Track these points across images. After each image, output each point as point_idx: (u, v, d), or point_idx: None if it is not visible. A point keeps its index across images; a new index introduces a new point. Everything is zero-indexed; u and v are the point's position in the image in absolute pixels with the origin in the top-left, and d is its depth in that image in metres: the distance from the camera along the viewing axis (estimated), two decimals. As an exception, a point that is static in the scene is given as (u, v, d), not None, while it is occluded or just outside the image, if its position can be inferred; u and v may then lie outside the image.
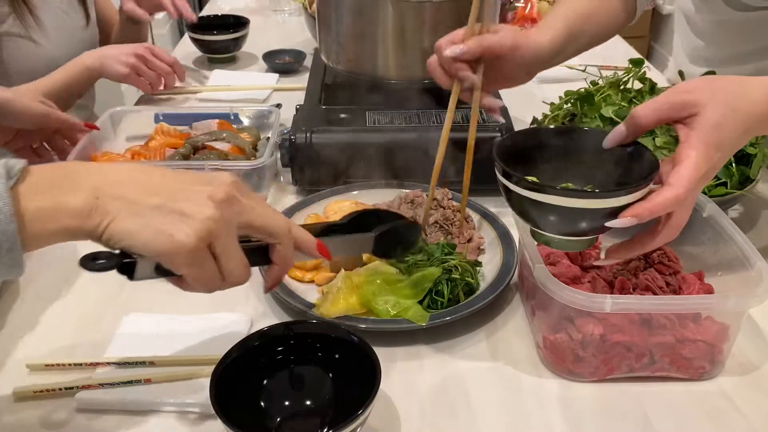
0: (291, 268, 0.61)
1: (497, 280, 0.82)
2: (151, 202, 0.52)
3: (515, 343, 0.78)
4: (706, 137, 0.63)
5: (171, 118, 1.20)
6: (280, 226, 0.59)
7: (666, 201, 0.62)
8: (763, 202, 1.01)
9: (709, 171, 0.64)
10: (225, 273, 0.57)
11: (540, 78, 1.54)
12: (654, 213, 0.63)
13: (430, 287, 0.79)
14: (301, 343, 0.67)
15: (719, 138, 0.63)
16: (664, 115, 0.66)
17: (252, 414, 0.64)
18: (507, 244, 0.88)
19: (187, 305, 0.82)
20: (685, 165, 0.63)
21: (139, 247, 0.52)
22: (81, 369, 0.72)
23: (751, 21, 1.09)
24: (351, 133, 1.03)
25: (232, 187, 0.56)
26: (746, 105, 0.64)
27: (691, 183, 0.62)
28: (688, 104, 0.64)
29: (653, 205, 0.62)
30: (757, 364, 0.75)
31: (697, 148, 0.63)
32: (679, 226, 0.66)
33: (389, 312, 0.76)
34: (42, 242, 0.51)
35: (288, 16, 2.00)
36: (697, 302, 0.72)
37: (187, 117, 1.21)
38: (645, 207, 0.62)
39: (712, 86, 0.65)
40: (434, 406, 0.69)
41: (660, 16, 3.59)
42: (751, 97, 0.65)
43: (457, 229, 0.89)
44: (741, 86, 0.66)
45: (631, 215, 0.63)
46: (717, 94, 0.64)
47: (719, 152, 0.64)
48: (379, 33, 1.03)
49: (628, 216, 0.63)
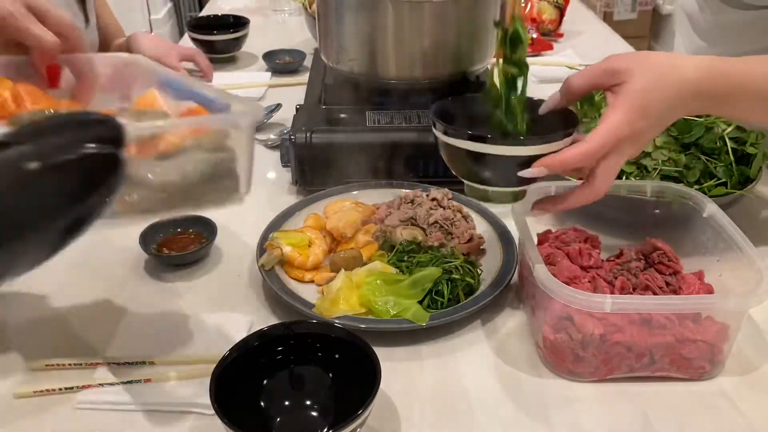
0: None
1: (497, 280, 0.82)
2: None
3: (515, 343, 0.78)
4: (629, 101, 0.65)
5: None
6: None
7: (575, 154, 0.65)
8: (763, 202, 1.01)
9: (634, 135, 0.66)
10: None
11: (540, 78, 1.54)
12: (564, 164, 0.66)
13: (430, 287, 0.79)
14: (301, 343, 0.67)
15: (644, 101, 0.65)
16: (594, 81, 0.70)
17: (252, 414, 0.64)
18: (507, 244, 0.88)
19: (187, 305, 0.82)
20: (603, 124, 0.66)
21: None
22: (81, 369, 0.72)
23: (754, 21, 1.09)
24: (351, 133, 1.03)
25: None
26: (675, 74, 0.66)
27: (606, 140, 0.65)
28: (617, 71, 0.67)
29: (563, 157, 0.66)
30: (757, 364, 0.75)
31: (618, 109, 0.66)
32: (599, 188, 0.68)
33: (389, 312, 0.76)
34: None
35: (288, 16, 2.00)
36: (697, 302, 0.72)
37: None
38: (555, 158, 0.67)
39: (642, 57, 0.68)
40: (434, 406, 0.69)
41: (660, 16, 3.59)
42: (682, 69, 0.67)
43: (458, 228, 0.89)
44: (671, 59, 0.68)
45: (542, 165, 0.67)
46: (646, 63, 0.67)
47: (645, 118, 0.66)
48: (379, 33, 1.03)
49: (540, 165, 0.67)
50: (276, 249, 0.84)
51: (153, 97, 0.70)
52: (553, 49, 1.68)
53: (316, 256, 0.85)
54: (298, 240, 0.85)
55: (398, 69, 1.05)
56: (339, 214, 0.91)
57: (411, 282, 0.79)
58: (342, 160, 1.02)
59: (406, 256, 0.84)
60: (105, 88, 0.77)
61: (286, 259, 0.84)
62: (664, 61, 0.68)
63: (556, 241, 0.82)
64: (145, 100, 0.70)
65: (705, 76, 0.67)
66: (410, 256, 0.84)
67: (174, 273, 0.88)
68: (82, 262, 0.90)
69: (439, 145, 0.76)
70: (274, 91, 1.44)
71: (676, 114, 0.69)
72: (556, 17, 1.79)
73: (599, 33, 1.87)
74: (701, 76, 0.67)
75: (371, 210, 0.94)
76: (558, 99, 0.73)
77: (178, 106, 0.68)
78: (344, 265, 0.83)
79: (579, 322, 0.70)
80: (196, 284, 0.87)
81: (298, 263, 0.84)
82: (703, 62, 0.68)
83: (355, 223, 0.89)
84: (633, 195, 0.86)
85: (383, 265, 0.82)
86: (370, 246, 0.88)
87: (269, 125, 1.28)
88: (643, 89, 0.66)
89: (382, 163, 1.02)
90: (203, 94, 0.66)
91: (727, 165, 0.93)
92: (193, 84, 0.70)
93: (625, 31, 2.27)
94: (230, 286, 0.86)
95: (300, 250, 0.84)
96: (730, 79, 0.68)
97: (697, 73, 0.67)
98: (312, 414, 0.66)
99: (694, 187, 0.86)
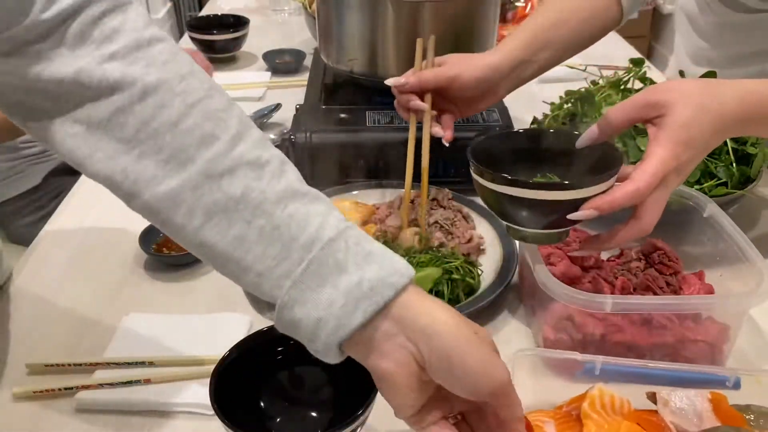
0: None
1: (497, 280, 0.82)
2: None
3: (515, 343, 0.77)
4: (673, 135, 0.64)
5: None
6: None
7: (625, 194, 0.64)
8: (763, 202, 1.01)
9: (680, 168, 0.65)
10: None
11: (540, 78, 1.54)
12: (614, 205, 0.64)
13: (431, 288, 0.79)
14: (302, 343, 0.67)
15: (688, 136, 0.65)
16: (634, 115, 0.68)
17: (252, 414, 0.64)
18: (507, 244, 0.88)
19: (187, 305, 0.82)
20: (649, 161, 0.64)
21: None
22: (81, 369, 0.72)
23: (754, 23, 1.09)
24: (351, 133, 1.03)
25: None
26: (716, 105, 0.65)
27: (654, 178, 0.64)
28: (657, 104, 0.66)
29: (613, 198, 0.64)
30: (758, 365, 0.75)
31: (663, 145, 0.64)
32: (649, 224, 0.67)
33: None
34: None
35: (288, 16, 2.00)
36: (697, 302, 0.72)
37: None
38: (605, 199, 0.64)
39: (681, 88, 0.67)
40: (434, 407, 0.69)
41: (660, 16, 3.59)
42: (721, 98, 0.66)
43: (458, 228, 0.89)
44: (710, 87, 0.67)
45: (591, 207, 0.64)
46: (686, 94, 0.66)
47: (688, 150, 0.65)
48: (379, 33, 1.03)
49: (589, 208, 0.65)
50: None
51: None
52: (553, 49, 1.68)
53: None
54: None
55: (398, 69, 1.05)
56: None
57: None
58: (342, 160, 1.02)
59: (407, 257, 0.84)
60: None
61: None
62: (704, 90, 0.67)
63: (557, 241, 0.82)
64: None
65: (745, 105, 0.67)
66: (410, 257, 0.84)
67: (174, 273, 0.88)
68: (82, 262, 0.90)
69: (477, 187, 0.71)
70: (274, 91, 1.44)
71: (719, 141, 0.68)
72: (556, 17, 1.79)
73: (599, 33, 1.87)
74: (742, 107, 0.66)
75: (371, 210, 0.94)
76: (596, 133, 0.70)
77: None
78: None
79: (579, 323, 0.70)
80: (196, 284, 0.87)
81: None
82: (743, 89, 0.67)
83: (355, 224, 0.89)
84: (633, 195, 0.86)
85: None
86: None
87: (269, 125, 1.28)
88: (686, 123, 0.65)
89: (382, 163, 1.02)
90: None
91: (727, 165, 0.93)
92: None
93: (626, 31, 2.25)
94: (230, 286, 0.85)
95: None
96: (766, 104, 0.67)
97: (738, 104, 0.66)
98: (312, 414, 0.66)
99: (694, 187, 0.86)
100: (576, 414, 0.62)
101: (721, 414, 0.60)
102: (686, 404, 0.60)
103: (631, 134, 0.95)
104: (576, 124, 1.03)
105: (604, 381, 0.63)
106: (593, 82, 1.13)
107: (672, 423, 0.59)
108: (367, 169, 1.02)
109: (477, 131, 1.01)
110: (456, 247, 0.86)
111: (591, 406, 0.60)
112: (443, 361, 0.46)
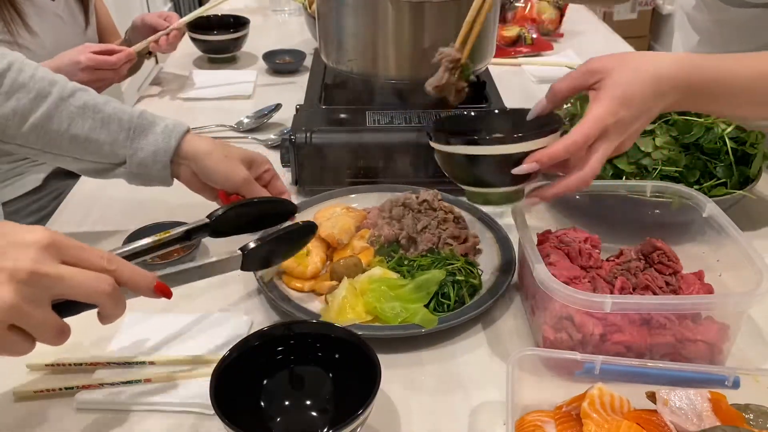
0: (122, 313, 0.58)
1: (499, 277, 0.82)
2: None
3: (515, 343, 0.78)
4: (609, 93, 0.70)
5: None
6: (97, 290, 0.55)
7: (563, 146, 0.69)
8: (763, 202, 1.01)
9: (619, 123, 0.70)
10: (37, 339, 0.54)
11: (540, 78, 1.54)
12: (552, 157, 0.70)
13: (436, 290, 0.79)
14: (301, 343, 0.67)
15: (623, 93, 0.69)
16: (576, 83, 0.74)
17: (252, 414, 0.64)
18: (503, 243, 0.88)
19: (187, 305, 0.82)
20: (586, 117, 0.70)
21: None
22: (81, 369, 0.72)
23: (752, 19, 1.09)
24: (351, 133, 1.03)
25: (40, 254, 0.52)
26: (652, 67, 0.70)
27: (590, 130, 0.69)
28: (596, 71, 0.72)
29: (552, 150, 0.70)
30: (757, 365, 0.75)
31: (600, 102, 0.70)
32: (588, 174, 0.71)
33: (397, 318, 0.76)
34: None
35: (288, 16, 2.00)
36: (697, 302, 0.72)
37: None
38: (544, 152, 0.70)
39: (620, 56, 0.73)
40: (434, 407, 0.69)
41: (660, 16, 3.59)
42: (658, 62, 0.71)
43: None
44: (649, 55, 0.73)
45: (533, 160, 0.71)
46: (623, 60, 0.72)
47: (626, 107, 0.69)
48: (379, 33, 1.03)
49: (530, 161, 0.71)
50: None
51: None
52: (553, 49, 1.68)
53: (315, 265, 0.84)
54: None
55: (398, 69, 1.05)
56: (331, 220, 0.89)
57: (415, 286, 0.78)
58: (342, 160, 1.02)
59: (407, 261, 0.84)
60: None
61: (284, 270, 0.84)
62: (642, 57, 0.72)
63: (556, 241, 0.82)
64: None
65: (680, 68, 0.71)
66: (410, 261, 0.84)
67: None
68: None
69: (438, 158, 0.78)
70: (273, 91, 1.45)
71: (658, 105, 0.71)
72: (556, 17, 1.79)
73: (599, 33, 1.87)
74: (677, 69, 0.71)
75: (363, 215, 0.93)
76: (544, 104, 0.76)
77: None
78: (346, 273, 0.81)
79: (579, 322, 0.70)
80: (195, 284, 0.86)
81: (297, 273, 0.83)
82: (680, 56, 0.72)
83: (349, 229, 0.88)
84: (633, 195, 0.86)
85: (384, 270, 0.82)
86: (366, 251, 0.87)
87: (269, 125, 1.28)
88: (622, 82, 0.69)
89: (382, 163, 1.02)
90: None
91: (727, 165, 0.93)
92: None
93: (625, 31, 2.27)
94: (230, 286, 0.86)
95: (298, 259, 0.83)
96: (705, 72, 0.71)
97: (673, 66, 0.71)
98: (312, 414, 0.66)
99: (694, 187, 0.86)
100: (576, 414, 0.62)
101: (720, 413, 0.60)
102: (686, 404, 0.60)
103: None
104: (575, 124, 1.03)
105: (603, 381, 0.63)
106: (593, 82, 1.13)
107: (671, 422, 0.59)
108: (367, 169, 1.02)
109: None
110: (455, 248, 0.86)
111: (591, 405, 0.60)
112: (205, 172, 0.85)
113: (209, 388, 0.60)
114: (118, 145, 0.84)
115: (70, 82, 0.85)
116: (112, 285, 0.56)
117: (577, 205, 0.90)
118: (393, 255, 0.86)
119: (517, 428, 0.62)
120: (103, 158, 0.85)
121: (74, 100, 0.83)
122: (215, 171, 0.84)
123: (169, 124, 0.85)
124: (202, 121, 1.28)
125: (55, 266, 0.53)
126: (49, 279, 0.52)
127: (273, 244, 0.73)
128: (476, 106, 1.09)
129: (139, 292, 0.60)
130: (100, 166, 0.86)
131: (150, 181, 0.87)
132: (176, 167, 0.86)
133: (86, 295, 0.54)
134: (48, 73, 0.85)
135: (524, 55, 1.65)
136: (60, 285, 0.53)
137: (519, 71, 1.57)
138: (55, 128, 0.83)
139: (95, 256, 0.56)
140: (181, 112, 1.36)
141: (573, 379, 0.65)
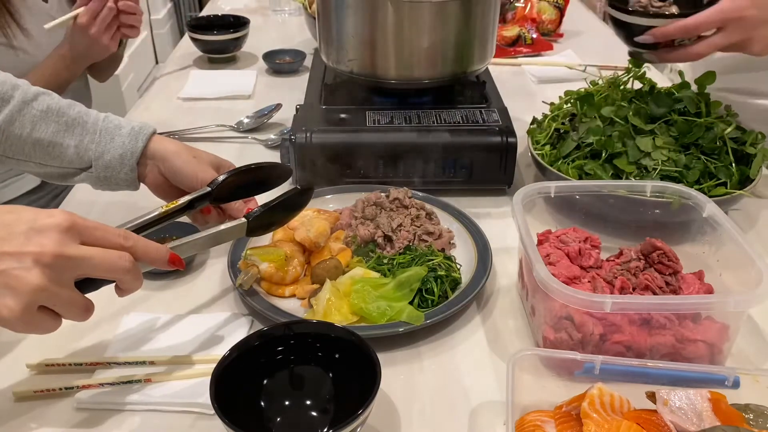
0: (140, 286, 0.62)
1: (478, 269, 0.83)
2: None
3: (515, 343, 0.78)
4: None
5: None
6: (118, 267, 0.58)
7: (676, 27, 0.82)
8: (763, 202, 1.01)
9: (743, 21, 0.78)
10: (64, 316, 0.58)
11: (540, 78, 1.54)
12: (666, 34, 0.86)
13: (419, 287, 0.79)
14: (301, 343, 0.67)
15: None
16: None
17: (252, 414, 0.64)
18: (475, 233, 0.90)
19: (187, 305, 0.82)
20: (710, 8, 0.79)
21: None
22: (81, 369, 0.72)
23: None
24: (351, 133, 1.03)
25: (62, 237, 0.55)
26: None
27: (709, 18, 0.79)
28: None
29: (666, 29, 0.84)
30: (757, 365, 0.75)
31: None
32: (695, 53, 0.86)
33: (384, 317, 0.76)
34: None
35: (288, 16, 2.00)
36: (697, 302, 0.72)
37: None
38: (660, 29, 0.85)
39: None
40: (434, 406, 0.69)
41: (660, 16, 3.58)
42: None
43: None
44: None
45: (649, 33, 0.88)
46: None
47: (756, 8, 0.78)
48: (379, 33, 1.03)
49: (648, 34, 0.87)
50: (252, 267, 0.82)
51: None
52: (553, 49, 1.68)
53: (295, 269, 0.83)
54: (273, 256, 0.83)
55: (398, 69, 1.05)
56: (305, 224, 0.88)
57: (397, 284, 0.78)
58: (342, 160, 1.02)
59: (386, 259, 0.84)
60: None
61: (264, 276, 0.82)
62: None
63: (556, 241, 0.82)
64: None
65: None
66: (390, 259, 0.84)
67: (174, 273, 0.88)
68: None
69: (613, 26, 0.99)
70: (273, 91, 1.45)
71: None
72: (556, 17, 1.79)
73: (599, 33, 1.87)
74: None
75: (335, 216, 0.92)
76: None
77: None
78: (327, 276, 0.81)
79: (579, 322, 0.70)
80: (195, 284, 0.87)
81: (276, 279, 0.82)
82: None
83: (325, 232, 0.87)
84: (633, 195, 0.86)
85: (364, 270, 0.82)
86: (344, 253, 0.86)
87: (269, 125, 1.28)
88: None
89: (382, 163, 1.02)
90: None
91: (727, 165, 0.93)
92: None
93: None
94: (230, 287, 0.86)
95: (277, 265, 0.82)
96: None
97: None
98: (312, 414, 0.66)
99: (694, 187, 0.86)
100: (576, 413, 0.62)
101: (720, 413, 0.60)
102: (685, 403, 0.60)
103: (630, 134, 0.95)
104: (574, 124, 1.03)
105: (603, 380, 0.63)
106: (593, 82, 1.13)
107: (671, 422, 0.59)
108: (366, 169, 1.02)
109: (476, 132, 1.01)
110: (432, 244, 0.86)
111: (591, 405, 0.60)
112: (173, 171, 0.83)
113: (209, 388, 0.60)
114: (83, 149, 0.82)
115: (32, 86, 0.83)
116: (131, 261, 0.59)
117: (577, 205, 0.90)
118: (371, 254, 0.86)
119: (517, 428, 0.62)
120: (68, 163, 0.83)
121: (37, 104, 0.81)
122: (183, 171, 0.82)
123: (136, 127, 0.84)
124: (202, 121, 1.28)
125: (77, 248, 0.56)
126: (72, 261, 0.55)
127: (275, 209, 0.76)
128: (476, 106, 1.09)
129: (154, 264, 0.63)
130: (65, 171, 0.84)
131: (116, 185, 0.85)
132: (143, 169, 0.84)
133: (108, 272, 0.58)
134: (9, 77, 0.83)
135: (524, 55, 1.65)
136: (83, 265, 0.56)
137: (519, 71, 1.57)
138: (17, 132, 0.80)
139: (113, 235, 0.59)
140: (181, 112, 1.36)
141: (573, 379, 0.65)
